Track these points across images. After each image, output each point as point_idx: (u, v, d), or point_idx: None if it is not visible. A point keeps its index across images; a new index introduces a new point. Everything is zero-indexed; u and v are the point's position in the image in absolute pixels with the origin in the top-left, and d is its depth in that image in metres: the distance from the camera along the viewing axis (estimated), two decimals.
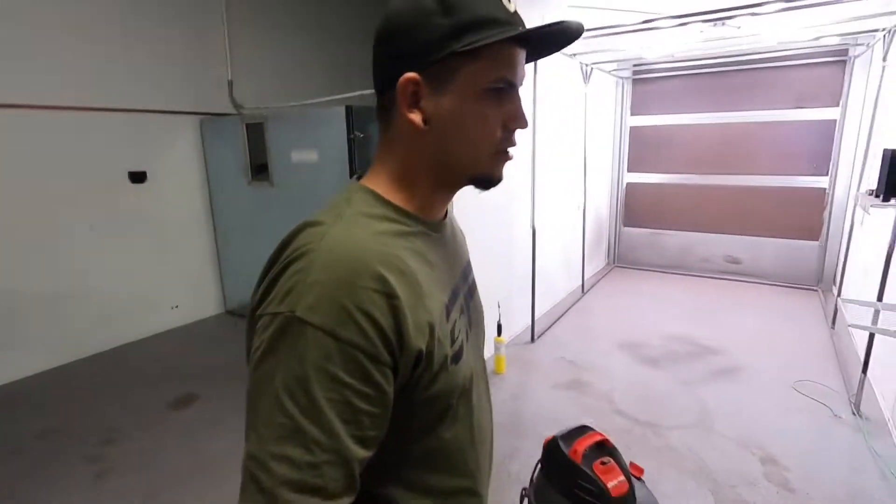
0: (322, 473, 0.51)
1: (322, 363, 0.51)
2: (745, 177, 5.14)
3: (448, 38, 0.57)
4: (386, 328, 0.53)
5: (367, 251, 0.55)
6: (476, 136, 0.62)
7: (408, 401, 0.59)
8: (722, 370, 3.20)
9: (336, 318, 0.51)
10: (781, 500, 2.05)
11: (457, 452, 0.69)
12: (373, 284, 0.53)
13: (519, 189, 3.54)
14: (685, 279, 5.34)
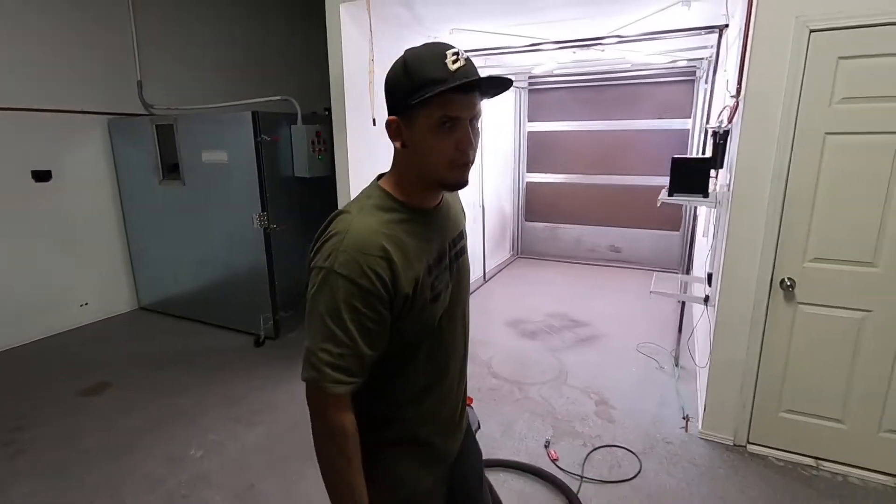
0: (346, 359, 0.87)
1: (348, 298, 0.86)
2: (623, 177, 5.94)
3: (409, 94, 0.87)
4: (386, 280, 0.88)
5: (376, 233, 0.89)
6: (433, 158, 0.91)
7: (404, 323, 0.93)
8: (585, 339, 3.84)
9: (356, 272, 0.86)
10: (603, 429, 2.64)
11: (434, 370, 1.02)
12: (378, 253, 0.87)
13: None
14: (576, 267, 6.06)
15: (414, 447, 1.04)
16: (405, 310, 0.92)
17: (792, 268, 2.18)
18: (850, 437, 2.23)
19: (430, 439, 1.06)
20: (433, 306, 0.97)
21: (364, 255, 0.87)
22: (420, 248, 0.95)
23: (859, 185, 2.01)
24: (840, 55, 1.95)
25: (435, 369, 1.03)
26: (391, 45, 3.53)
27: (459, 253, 1.09)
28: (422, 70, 0.88)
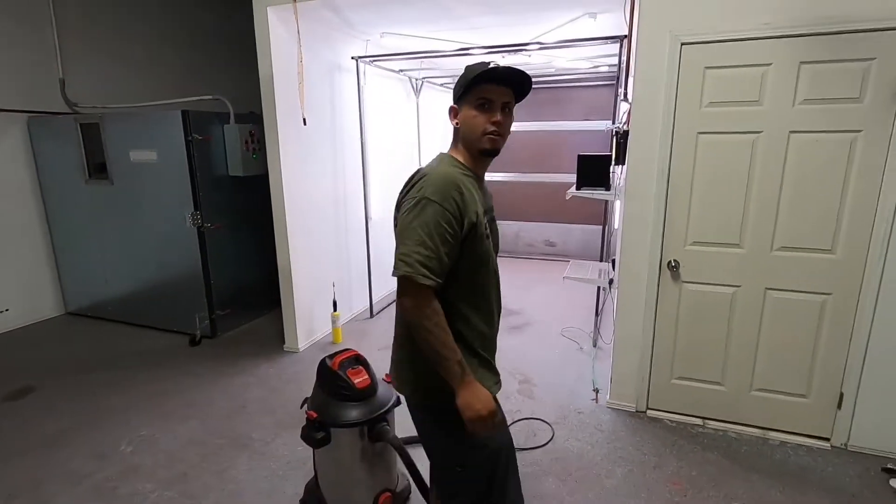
0: (431, 261, 1.17)
1: (435, 217, 1.18)
2: (555, 175, 6.26)
3: (462, 87, 1.27)
4: (460, 206, 1.20)
5: (454, 176, 1.24)
6: (475, 129, 1.28)
7: (466, 249, 1.24)
8: (516, 326, 4.09)
9: (442, 199, 1.19)
10: (523, 404, 2.87)
11: (486, 292, 1.34)
12: (456, 188, 1.21)
13: (353, 186, 4.11)
14: (516, 261, 6.35)
15: (475, 355, 1.33)
16: (469, 235, 1.24)
17: (676, 251, 2.48)
18: (728, 397, 2.56)
19: (487, 355, 1.37)
20: (486, 242, 1.30)
21: (447, 187, 1.21)
22: (476, 198, 1.28)
23: (726, 177, 2.34)
24: (706, 65, 2.26)
25: (486, 294, 1.35)
26: (321, 47, 3.64)
27: (493, 219, 1.42)
28: (471, 72, 1.26)
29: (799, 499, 2.11)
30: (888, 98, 2.07)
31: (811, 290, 2.32)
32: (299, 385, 3.13)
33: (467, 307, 1.30)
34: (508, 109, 1.29)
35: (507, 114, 1.29)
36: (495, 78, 1.24)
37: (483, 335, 1.34)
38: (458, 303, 1.29)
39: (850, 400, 2.37)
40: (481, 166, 1.36)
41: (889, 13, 2.00)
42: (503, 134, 1.30)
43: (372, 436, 1.85)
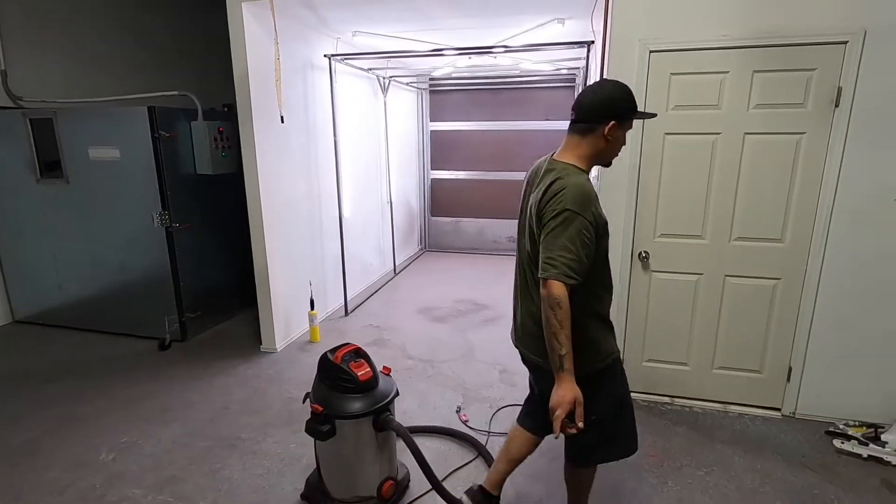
0: (574, 263, 1.37)
1: (578, 227, 1.38)
2: (518, 173, 6.49)
3: (625, 112, 1.48)
4: (595, 215, 1.42)
5: (589, 189, 1.43)
6: (617, 148, 1.54)
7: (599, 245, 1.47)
8: (488, 319, 4.22)
9: (583, 210, 1.39)
10: (506, 392, 3.00)
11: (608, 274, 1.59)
12: (593, 199, 1.43)
13: (327, 185, 4.10)
14: (480, 257, 6.51)
15: (605, 323, 1.61)
16: (600, 234, 1.48)
17: (646, 242, 2.68)
18: (693, 375, 2.80)
19: (610, 324, 1.64)
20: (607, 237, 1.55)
21: (586, 200, 1.42)
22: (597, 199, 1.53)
23: (690, 174, 2.55)
24: (672, 71, 2.46)
25: (607, 277, 1.61)
26: (295, 45, 3.62)
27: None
28: (633, 103, 1.52)
29: (759, 463, 2.36)
30: (826, 104, 2.35)
31: (763, 275, 2.59)
32: (282, 385, 3.11)
33: (601, 289, 1.59)
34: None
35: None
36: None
37: (607, 306, 1.63)
38: (594, 288, 1.54)
39: (797, 373, 2.65)
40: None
41: (827, 29, 2.27)
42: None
43: (377, 425, 1.91)
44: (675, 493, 2.17)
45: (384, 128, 5.36)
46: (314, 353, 3.55)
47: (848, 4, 2.24)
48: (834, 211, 2.43)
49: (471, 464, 2.35)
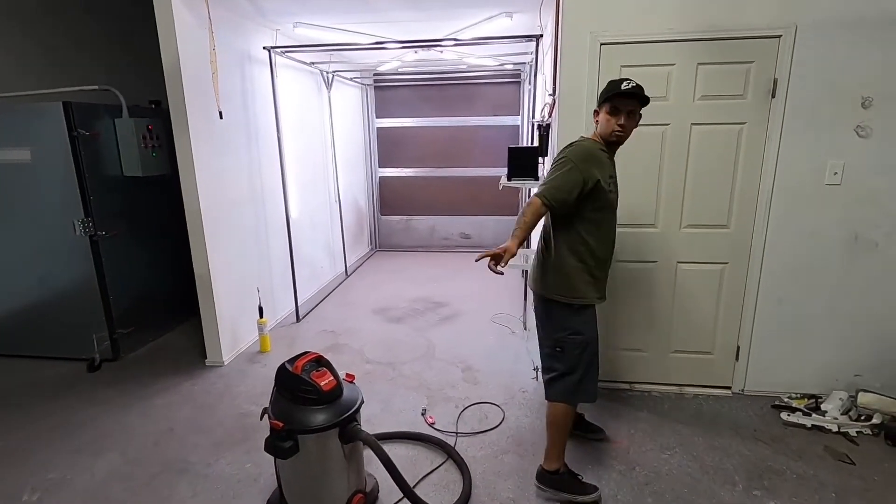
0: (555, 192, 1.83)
1: (570, 172, 1.84)
2: (467, 169, 6.48)
3: (604, 99, 1.92)
4: (592, 170, 1.85)
5: (590, 147, 1.92)
6: (607, 127, 1.92)
7: (589, 196, 1.86)
8: (446, 317, 4.17)
9: (578, 160, 1.85)
10: (470, 391, 2.96)
11: (605, 231, 1.97)
12: (589, 156, 1.88)
13: (272, 184, 3.88)
14: (432, 255, 6.44)
15: (586, 271, 1.96)
16: (593, 189, 1.85)
17: None
18: (651, 361, 2.87)
19: (599, 275, 1.99)
20: (609, 195, 1.93)
21: (581, 155, 1.88)
22: (606, 164, 1.94)
23: (642, 165, 2.61)
24: (622, 64, 2.50)
25: (602, 232, 1.97)
26: (231, 35, 3.39)
27: (616, 182, 2.01)
28: (612, 89, 1.90)
29: (716, 441, 2.45)
30: (763, 95, 2.47)
31: (712, 260, 2.69)
32: (233, 399, 2.90)
33: (588, 235, 1.93)
34: (632, 113, 1.90)
35: (630, 117, 1.90)
36: (625, 94, 1.86)
37: (597, 259, 1.96)
38: (581, 232, 1.93)
39: (745, 352, 2.79)
40: (612, 148, 1.98)
41: (762, 24, 2.38)
42: (627, 133, 1.93)
43: (344, 437, 1.79)
44: (643, 477, 2.21)
45: (329, 124, 5.16)
46: (265, 364, 3.35)
47: (780, 1, 2.35)
48: (773, 196, 2.56)
49: (441, 467, 2.28)
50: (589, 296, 1.97)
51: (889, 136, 2.43)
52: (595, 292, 1.99)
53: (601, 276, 2.01)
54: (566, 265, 1.95)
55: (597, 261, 1.96)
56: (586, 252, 1.94)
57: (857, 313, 2.65)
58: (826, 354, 2.73)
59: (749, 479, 2.18)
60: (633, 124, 1.92)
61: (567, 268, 1.94)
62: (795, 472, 2.23)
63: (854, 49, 2.36)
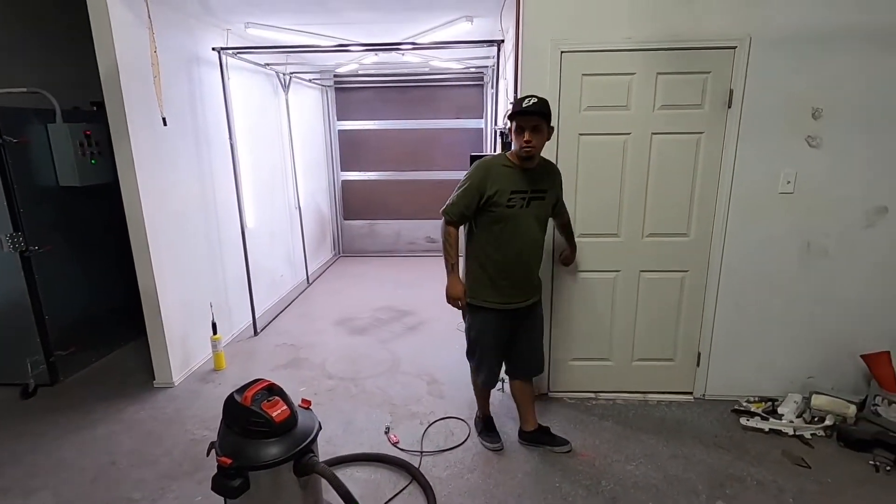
0: (451, 206, 2.12)
1: (466, 186, 2.09)
2: (432, 172, 6.39)
3: (511, 114, 2.04)
4: (484, 185, 2.06)
5: (487, 163, 2.11)
6: (515, 144, 2.06)
7: (485, 209, 2.09)
8: (411, 326, 4.08)
9: (476, 178, 2.08)
10: (435, 405, 2.88)
11: (504, 241, 2.12)
12: (484, 171, 2.08)
13: (225, 193, 3.69)
14: (397, 260, 6.33)
15: (487, 278, 2.18)
16: (488, 201, 2.06)
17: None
18: (615, 370, 2.87)
19: (501, 282, 2.17)
20: (506, 209, 2.07)
21: (476, 170, 2.10)
22: (507, 179, 2.08)
23: (604, 174, 2.59)
24: (583, 72, 2.48)
25: (501, 242, 2.12)
26: (179, 36, 3.20)
27: (536, 198, 2.13)
28: (514, 107, 2.04)
29: (679, 449, 2.46)
30: (720, 105, 2.49)
31: (673, 268, 2.71)
32: (183, 425, 2.72)
33: (488, 245, 2.15)
34: (537, 129, 2.00)
35: (535, 132, 2.00)
36: (523, 112, 1.98)
37: (497, 266, 2.15)
38: (482, 240, 2.16)
39: (705, 358, 2.83)
40: (525, 163, 2.09)
41: (718, 35, 2.40)
42: (535, 147, 2.03)
43: (299, 470, 1.68)
44: (609, 491, 2.19)
45: (287, 128, 4.98)
46: (220, 383, 3.18)
47: (735, 13, 2.38)
48: (730, 204, 2.60)
49: (405, 490, 2.19)
50: (489, 299, 2.19)
51: (837, 146, 2.50)
52: (496, 297, 2.19)
53: (504, 284, 2.17)
54: (470, 269, 2.22)
55: (497, 269, 2.15)
56: (487, 260, 2.15)
57: (809, 318, 2.72)
58: (781, 358, 2.80)
59: (711, 488, 2.19)
60: (540, 139, 2.02)
61: (471, 272, 2.22)
62: (755, 478, 2.26)
63: (805, 62, 2.41)
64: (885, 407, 2.57)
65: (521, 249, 2.14)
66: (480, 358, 2.32)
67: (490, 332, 2.25)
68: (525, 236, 2.14)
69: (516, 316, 2.25)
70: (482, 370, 2.34)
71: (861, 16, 2.35)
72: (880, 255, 2.61)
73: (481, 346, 2.29)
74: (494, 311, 2.20)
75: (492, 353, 2.31)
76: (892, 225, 2.57)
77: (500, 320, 2.23)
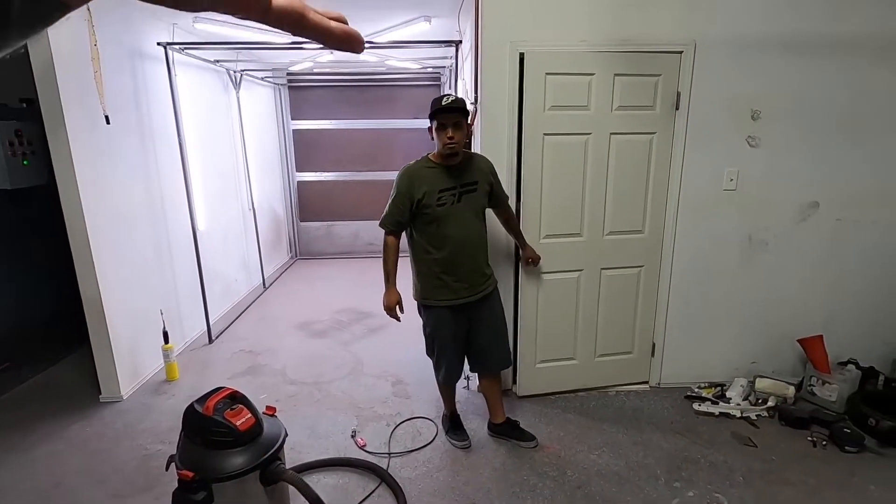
0: (391, 217, 2.19)
1: (395, 194, 2.17)
2: (390, 172, 6.31)
3: (432, 114, 2.10)
4: (411, 191, 2.13)
5: (411, 169, 2.20)
6: (438, 142, 2.13)
7: (418, 213, 2.15)
8: (374, 328, 4.04)
9: (399, 183, 2.18)
10: (402, 406, 2.87)
11: (442, 239, 2.18)
12: (409, 176, 2.17)
13: (174, 195, 3.51)
14: (356, 261, 6.25)
15: (430, 276, 2.24)
16: (419, 204, 2.13)
17: (534, 246, 2.65)
18: (580, 368, 2.93)
19: (447, 279, 2.22)
20: (437, 209, 2.14)
21: (402, 177, 2.17)
22: (433, 180, 2.15)
23: (568, 174, 2.63)
24: (547, 71, 2.49)
25: (440, 241, 2.19)
26: (121, 30, 3.03)
27: (467, 192, 2.19)
28: (433, 106, 2.11)
29: (639, 436, 2.57)
30: (669, 107, 2.62)
31: (630, 264, 2.82)
32: (134, 440, 2.58)
33: (428, 245, 2.21)
34: (458, 125, 2.08)
35: (457, 128, 2.08)
36: (444, 110, 2.05)
37: (441, 264, 2.20)
38: (422, 242, 2.22)
39: (660, 348, 2.96)
40: (450, 161, 2.16)
41: (667, 40, 2.52)
42: (458, 142, 2.09)
43: (266, 479, 1.63)
44: (575, 480, 2.25)
45: (239, 127, 4.80)
46: (174, 394, 3.03)
47: (682, 18, 2.51)
48: (680, 201, 2.74)
49: (374, 493, 2.17)
50: (439, 298, 2.25)
51: (774, 147, 2.68)
52: (446, 294, 2.24)
53: (451, 280, 2.22)
54: (418, 272, 2.27)
55: (442, 267, 2.20)
56: (430, 260, 2.21)
57: (751, 306, 2.91)
58: (728, 345, 2.97)
59: (669, 472, 2.30)
60: (462, 134, 2.10)
61: (420, 274, 2.26)
62: (709, 459, 2.39)
63: (744, 66, 2.57)
64: (820, 387, 2.78)
65: (462, 244, 2.20)
66: (439, 355, 2.36)
67: (445, 328, 2.29)
68: (464, 230, 2.19)
69: (470, 309, 2.29)
70: (441, 367, 2.38)
71: (795, 24, 2.53)
72: (813, 246, 2.82)
73: (438, 344, 2.33)
74: (446, 308, 2.25)
75: (449, 350, 2.34)
76: (823, 219, 2.78)
77: (453, 316, 2.27)
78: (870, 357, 2.85)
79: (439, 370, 2.41)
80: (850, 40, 2.56)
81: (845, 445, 2.43)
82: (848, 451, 2.42)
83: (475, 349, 2.40)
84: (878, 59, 2.58)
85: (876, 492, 2.17)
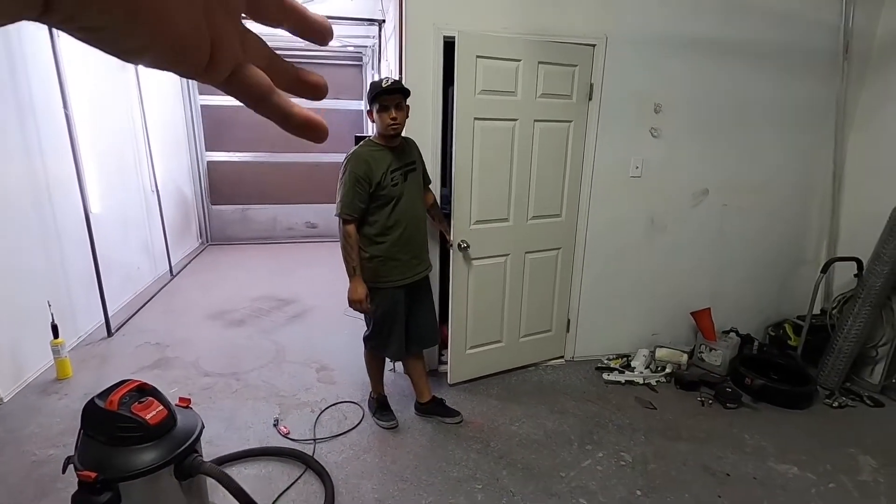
0: (350, 205, 2.16)
1: (352, 179, 2.14)
2: (309, 154, 6.12)
3: (372, 99, 2.13)
4: (370, 174, 2.15)
5: (363, 153, 2.18)
6: (381, 123, 2.15)
7: (375, 195, 2.18)
8: (296, 315, 3.91)
9: (359, 170, 2.14)
10: (327, 392, 2.82)
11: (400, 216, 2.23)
12: (364, 160, 2.16)
13: (61, 174, 3.13)
14: (274, 247, 5.99)
15: (390, 260, 2.26)
16: (377, 187, 2.16)
17: (465, 232, 2.68)
18: (506, 349, 3.03)
19: (403, 257, 2.28)
20: (392, 188, 2.19)
21: (358, 160, 2.15)
22: (383, 161, 2.18)
23: (497, 160, 2.67)
24: (477, 54, 2.47)
25: (399, 219, 2.23)
26: None
27: (410, 171, 2.27)
28: (374, 89, 2.13)
29: (554, 405, 2.75)
30: (583, 97, 2.77)
31: (550, 247, 2.97)
32: (20, 446, 2.31)
33: (385, 228, 2.23)
34: (400, 106, 2.12)
35: (399, 109, 2.12)
36: (386, 91, 2.08)
37: (399, 242, 2.25)
38: (378, 225, 2.23)
39: (574, 324, 3.17)
40: (393, 142, 2.22)
41: (582, 32, 2.66)
42: (401, 123, 2.15)
43: (182, 473, 1.54)
44: (498, 451, 2.36)
45: (139, 101, 4.37)
46: (66, 394, 2.75)
47: (595, 13, 2.65)
48: (592, 187, 2.92)
49: (299, 480, 2.13)
50: (392, 278, 2.29)
51: (672, 138, 2.94)
52: (399, 273, 2.30)
53: (408, 257, 2.31)
54: (372, 255, 2.25)
55: (400, 245, 2.26)
56: (387, 241, 2.24)
57: (653, 283, 3.20)
58: (632, 319, 3.25)
59: (582, 437, 2.49)
60: (404, 115, 2.15)
61: (373, 258, 2.25)
62: (616, 423, 2.61)
63: (649, 62, 2.79)
64: (708, 353, 3.14)
65: (415, 221, 2.30)
66: (390, 332, 2.38)
67: (398, 305, 2.35)
68: (414, 207, 2.29)
69: (413, 289, 2.38)
70: (392, 343, 2.40)
71: (692, 25, 2.78)
72: (704, 228, 3.15)
73: (390, 322, 2.36)
74: (399, 287, 2.32)
75: (399, 327, 2.39)
76: (712, 204, 3.11)
77: (403, 295, 2.35)
78: (749, 326, 3.27)
79: (388, 347, 2.42)
80: (736, 47, 2.86)
81: (727, 402, 2.77)
82: (729, 407, 2.76)
83: (414, 326, 2.45)
84: (756, 66, 2.91)
85: (750, 439, 2.51)
